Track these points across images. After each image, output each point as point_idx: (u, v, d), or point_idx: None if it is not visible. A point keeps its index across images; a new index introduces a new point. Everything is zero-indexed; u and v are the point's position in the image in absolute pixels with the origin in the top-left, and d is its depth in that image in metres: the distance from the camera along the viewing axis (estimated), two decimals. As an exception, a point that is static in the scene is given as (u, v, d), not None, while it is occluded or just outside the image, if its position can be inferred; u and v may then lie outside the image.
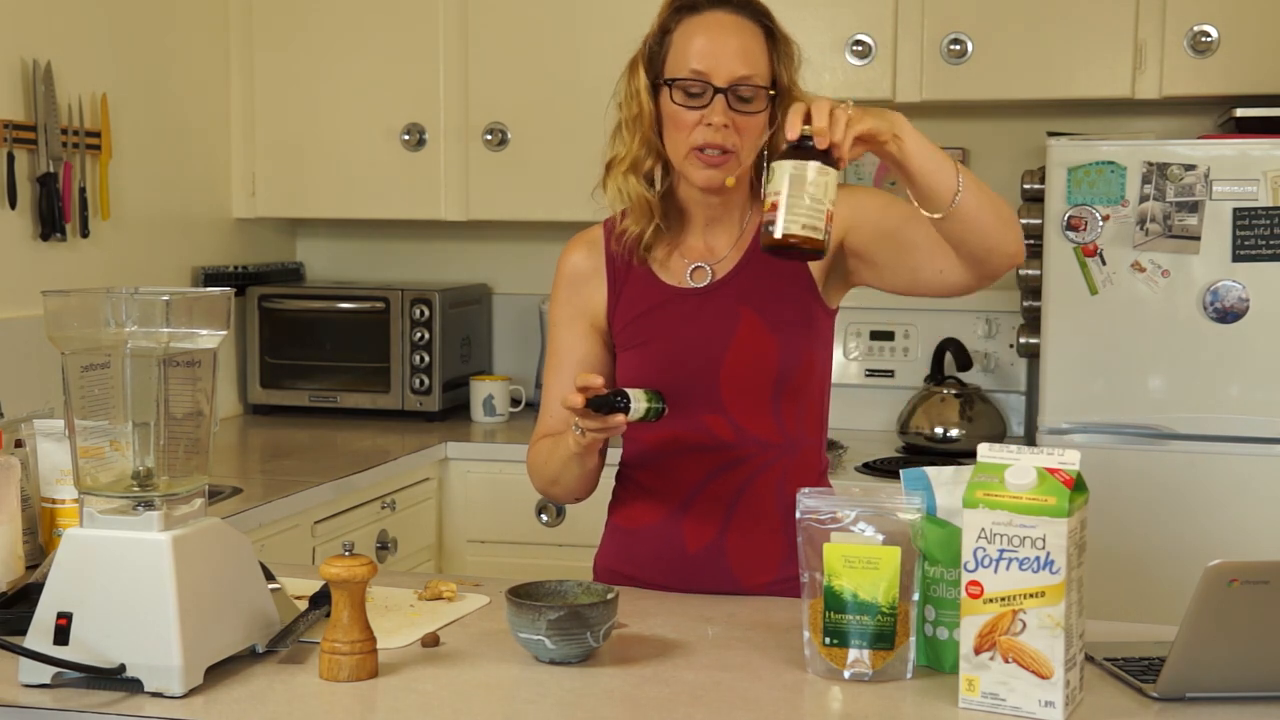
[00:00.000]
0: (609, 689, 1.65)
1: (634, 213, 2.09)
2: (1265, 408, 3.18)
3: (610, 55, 3.77)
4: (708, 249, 2.10)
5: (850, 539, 1.66)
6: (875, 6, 3.62)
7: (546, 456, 2.10)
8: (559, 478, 2.09)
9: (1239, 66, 3.43)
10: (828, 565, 1.65)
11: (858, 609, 1.64)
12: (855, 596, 1.64)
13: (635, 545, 2.14)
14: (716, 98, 1.97)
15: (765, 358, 2.04)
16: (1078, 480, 1.55)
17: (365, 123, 3.94)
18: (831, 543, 1.66)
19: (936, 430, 3.67)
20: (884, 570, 1.64)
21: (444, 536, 3.64)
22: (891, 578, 1.64)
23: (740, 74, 1.98)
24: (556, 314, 2.17)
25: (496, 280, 4.28)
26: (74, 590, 1.61)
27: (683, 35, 2.02)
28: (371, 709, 1.60)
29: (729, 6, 2.01)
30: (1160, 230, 3.19)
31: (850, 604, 1.64)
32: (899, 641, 1.65)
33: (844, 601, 1.64)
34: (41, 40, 3.25)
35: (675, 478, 2.09)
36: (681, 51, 2.01)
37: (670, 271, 2.10)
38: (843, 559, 1.64)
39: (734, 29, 2.00)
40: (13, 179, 3.16)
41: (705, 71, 1.98)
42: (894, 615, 1.64)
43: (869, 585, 1.64)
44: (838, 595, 1.65)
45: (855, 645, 1.65)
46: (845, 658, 1.65)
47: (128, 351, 1.65)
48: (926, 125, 4.19)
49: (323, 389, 3.99)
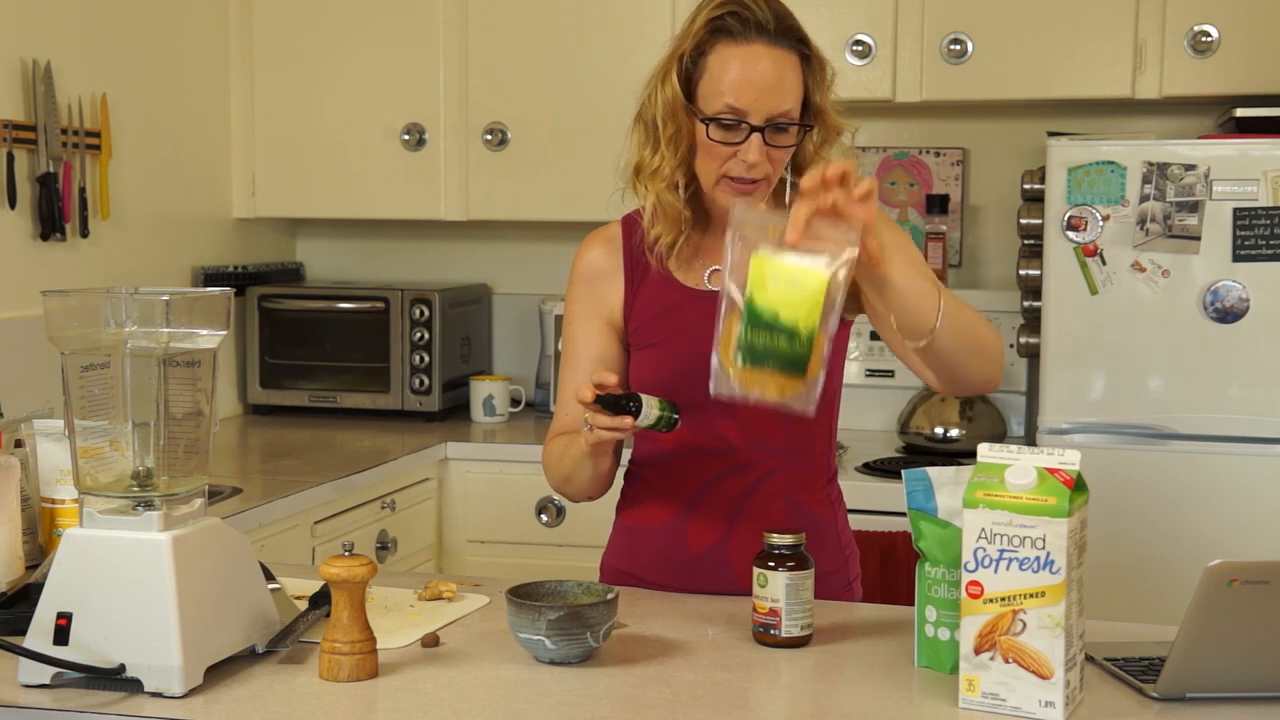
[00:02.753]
0: (609, 689, 1.65)
1: (664, 221, 2.06)
2: (1265, 408, 3.18)
3: (610, 55, 3.80)
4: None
5: (784, 256, 1.58)
6: (875, 6, 3.62)
7: (560, 454, 2.10)
8: (572, 476, 2.09)
9: (1239, 66, 3.43)
10: (753, 278, 1.58)
11: (775, 329, 1.57)
12: (776, 317, 1.57)
13: (640, 545, 2.14)
14: (753, 135, 1.94)
15: None
16: (1078, 480, 1.55)
17: (365, 123, 3.94)
18: (761, 254, 1.58)
19: (936, 430, 3.67)
20: (809, 292, 1.57)
21: (444, 536, 3.64)
22: (814, 302, 1.56)
23: (779, 111, 1.94)
24: (573, 310, 2.16)
25: (496, 280, 4.28)
26: (74, 590, 1.61)
27: (718, 62, 1.95)
28: (371, 709, 1.60)
29: (767, 37, 1.93)
30: (1160, 230, 3.19)
31: (768, 323, 1.57)
32: (810, 373, 1.60)
33: (762, 318, 1.58)
34: (41, 40, 3.25)
35: (682, 479, 2.09)
36: (717, 81, 1.95)
37: (689, 273, 2.10)
38: (770, 275, 1.57)
39: (771, 62, 1.93)
40: (12, 179, 3.16)
41: (743, 110, 1.93)
42: (811, 343, 1.58)
43: (791, 305, 1.56)
44: (757, 312, 1.58)
45: (766, 366, 1.58)
46: (755, 381, 1.59)
47: (127, 351, 1.65)
48: (927, 125, 4.23)
49: (323, 389, 3.98)
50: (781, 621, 1.78)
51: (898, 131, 4.01)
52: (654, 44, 3.21)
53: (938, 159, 3.99)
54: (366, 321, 3.95)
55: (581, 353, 2.14)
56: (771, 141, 1.95)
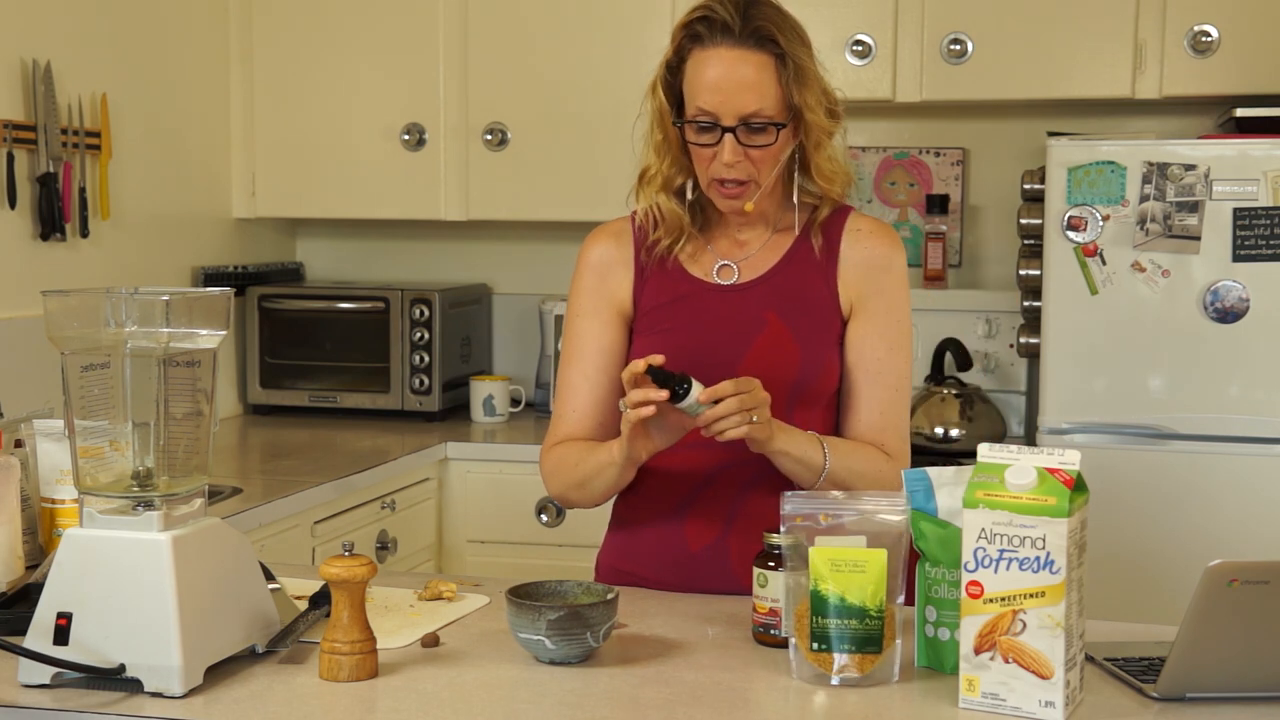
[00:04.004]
0: (609, 689, 1.65)
1: (663, 225, 2.12)
2: (1265, 408, 3.18)
3: (610, 55, 3.80)
4: (736, 245, 2.12)
5: (836, 542, 1.65)
6: (875, 6, 3.62)
7: (578, 458, 2.08)
8: (588, 482, 2.06)
9: (1239, 66, 3.43)
10: (814, 569, 1.64)
11: (845, 613, 1.63)
12: (842, 600, 1.63)
13: (638, 543, 2.14)
14: (725, 136, 1.97)
15: (785, 364, 2.05)
16: (1078, 480, 1.55)
17: (365, 123, 3.94)
18: (817, 546, 1.65)
19: (937, 430, 3.67)
20: (871, 573, 1.63)
21: (444, 536, 3.64)
22: (879, 580, 1.63)
23: (748, 111, 1.96)
24: (580, 304, 2.15)
25: (496, 280, 4.28)
26: (74, 590, 1.61)
27: (693, 68, 2.00)
28: (371, 709, 1.60)
29: (732, 39, 1.96)
30: (1160, 230, 3.19)
31: (837, 608, 1.63)
32: (886, 644, 1.65)
33: (830, 606, 1.64)
34: (41, 40, 3.25)
35: (680, 475, 2.08)
36: (693, 86, 2.00)
37: (698, 265, 2.12)
38: (829, 562, 1.64)
39: (739, 64, 1.96)
40: (12, 179, 3.16)
41: (712, 111, 1.97)
42: (881, 619, 1.64)
43: (856, 589, 1.63)
44: (824, 599, 1.64)
45: (843, 650, 1.64)
46: (832, 662, 1.64)
47: (127, 351, 1.65)
48: (927, 125, 4.23)
49: (323, 389, 3.98)
50: (781, 621, 1.78)
51: (898, 131, 4.01)
52: (654, 44, 3.23)
53: (938, 159, 3.99)
54: (366, 321, 3.95)
55: (589, 345, 2.13)
56: (747, 142, 1.98)
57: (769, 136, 1.99)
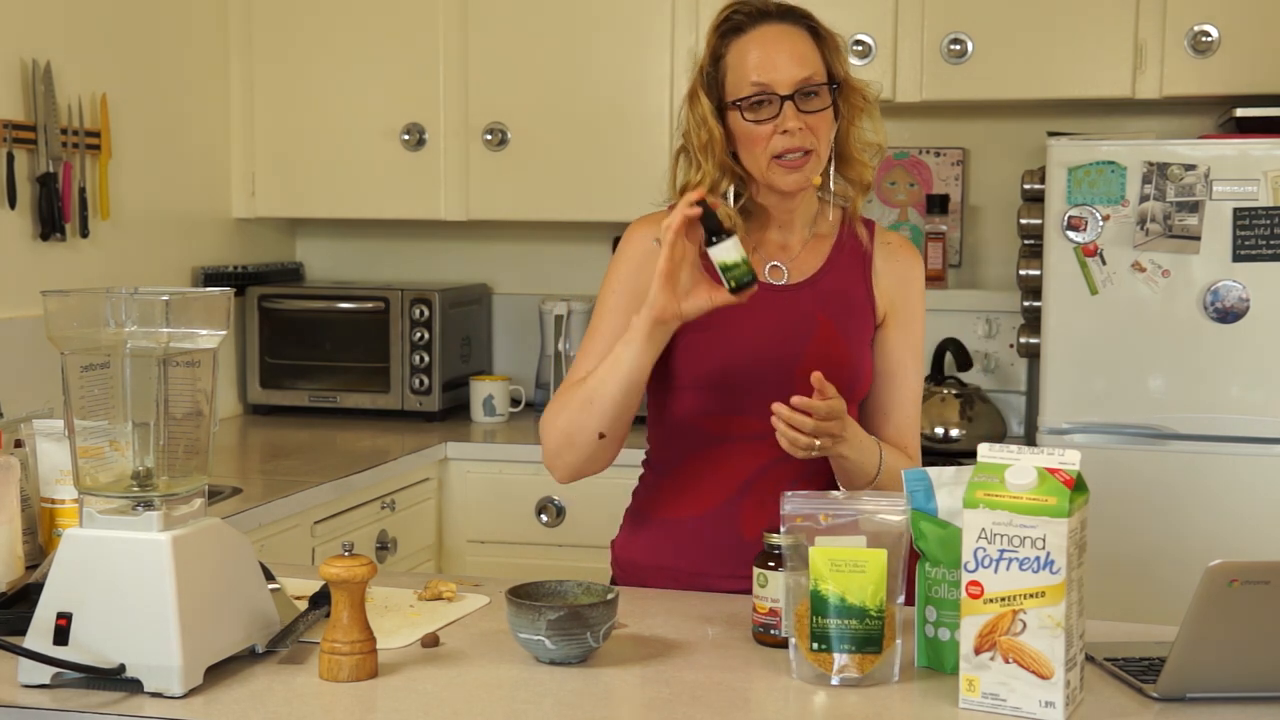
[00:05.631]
0: (609, 689, 1.65)
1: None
2: (1265, 408, 3.18)
3: (610, 55, 3.80)
4: (782, 246, 2.16)
5: (836, 542, 1.66)
6: (875, 6, 3.62)
7: (586, 378, 2.04)
8: (599, 389, 2.01)
9: (1239, 66, 3.43)
10: (814, 569, 1.64)
11: (845, 613, 1.63)
12: (842, 600, 1.63)
13: (682, 535, 2.14)
14: (785, 105, 2.03)
15: (838, 364, 2.07)
16: (1078, 480, 1.55)
17: (365, 123, 3.94)
18: (817, 546, 1.65)
19: (937, 430, 3.67)
20: (871, 573, 1.63)
21: (444, 536, 3.64)
22: (879, 580, 1.63)
23: (801, 76, 2.04)
24: (614, 289, 2.13)
25: (496, 280, 4.28)
26: (74, 590, 1.61)
27: (736, 55, 2.07)
28: (371, 709, 1.60)
29: (771, 18, 2.08)
30: (1160, 230, 3.19)
31: (837, 608, 1.63)
32: (886, 645, 1.65)
33: (830, 606, 1.64)
34: (41, 40, 3.25)
35: (731, 465, 2.10)
36: (739, 70, 2.06)
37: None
38: (829, 562, 1.64)
39: (783, 37, 2.07)
40: (12, 179, 3.16)
41: (767, 83, 2.04)
42: (881, 619, 1.64)
43: (856, 589, 1.63)
44: (824, 599, 1.64)
45: (843, 650, 1.64)
46: (832, 663, 1.64)
47: (127, 351, 1.65)
48: (927, 125, 4.23)
49: (322, 389, 3.98)
50: (781, 621, 1.78)
51: (898, 131, 4.01)
52: (654, 44, 3.26)
53: (938, 159, 3.99)
54: (366, 321, 3.95)
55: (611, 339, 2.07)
56: (804, 107, 2.04)
57: (823, 100, 2.06)
